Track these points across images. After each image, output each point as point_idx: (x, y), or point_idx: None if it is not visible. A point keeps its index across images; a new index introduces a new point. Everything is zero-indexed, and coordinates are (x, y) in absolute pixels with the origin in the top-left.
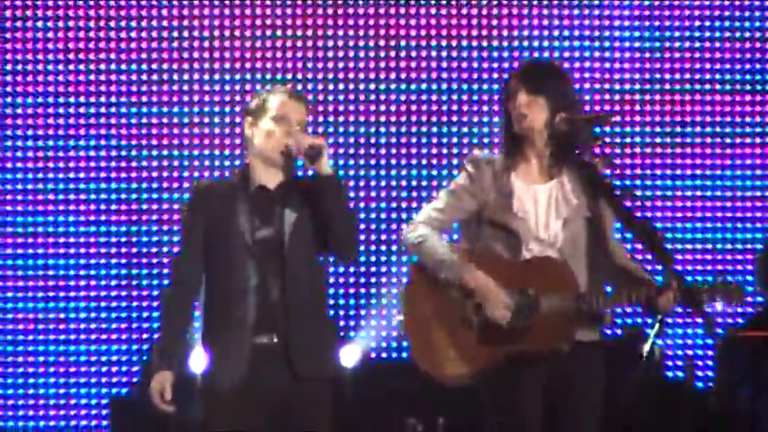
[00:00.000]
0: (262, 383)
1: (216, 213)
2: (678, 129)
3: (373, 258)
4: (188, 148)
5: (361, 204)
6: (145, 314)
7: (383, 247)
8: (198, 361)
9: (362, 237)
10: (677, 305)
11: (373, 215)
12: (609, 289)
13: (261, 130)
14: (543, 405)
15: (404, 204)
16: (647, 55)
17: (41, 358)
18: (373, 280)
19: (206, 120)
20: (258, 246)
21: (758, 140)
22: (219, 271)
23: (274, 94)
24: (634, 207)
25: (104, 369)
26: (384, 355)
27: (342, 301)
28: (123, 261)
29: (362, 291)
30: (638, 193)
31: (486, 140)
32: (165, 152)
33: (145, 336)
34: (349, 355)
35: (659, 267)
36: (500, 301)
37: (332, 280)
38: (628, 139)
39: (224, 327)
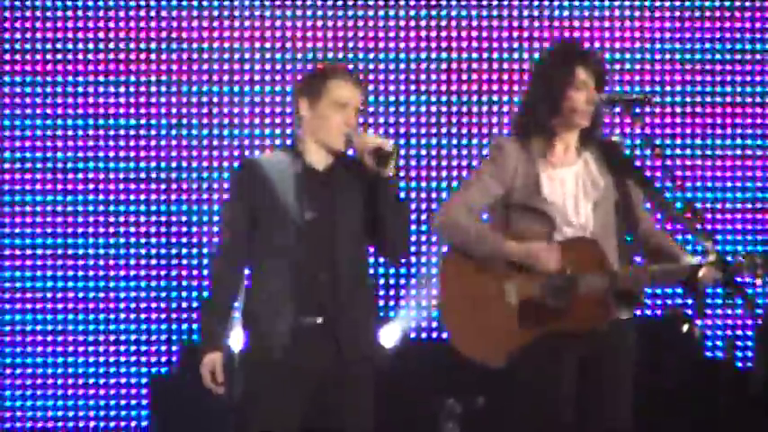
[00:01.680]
0: (306, 363)
1: (264, 191)
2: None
3: (413, 238)
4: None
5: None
6: (184, 293)
7: (423, 227)
8: (237, 339)
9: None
10: (716, 282)
11: (413, 194)
12: (645, 266)
13: (318, 113)
14: (577, 383)
15: (444, 184)
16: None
17: (81, 337)
18: (413, 260)
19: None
20: (306, 227)
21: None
22: (266, 250)
23: (334, 76)
24: (673, 187)
25: (144, 348)
26: (423, 335)
27: (382, 281)
28: (163, 240)
29: (402, 270)
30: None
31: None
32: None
33: (185, 315)
34: (389, 335)
35: (697, 243)
36: (551, 255)
37: (371, 259)
38: (668, 119)
39: (270, 306)
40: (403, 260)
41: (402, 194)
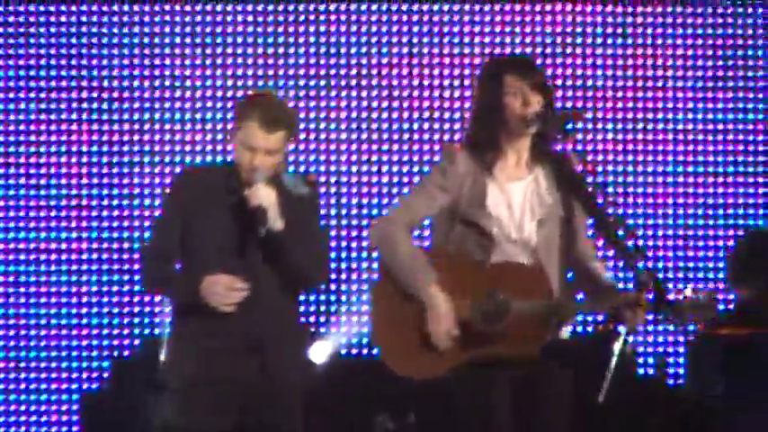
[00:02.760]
0: (231, 380)
1: (194, 207)
2: (650, 126)
3: (344, 255)
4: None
5: (332, 201)
6: (115, 309)
7: (354, 244)
8: (166, 357)
9: (333, 233)
10: (646, 317)
11: (344, 211)
12: (579, 296)
13: (235, 144)
14: (513, 406)
15: (374, 201)
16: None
17: (11, 353)
18: (343, 276)
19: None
20: (231, 245)
21: (730, 137)
22: (192, 267)
23: (248, 116)
24: (607, 205)
25: (75, 365)
26: (354, 351)
27: (312, 297)
28: (94, 255)
29: (332, 287)
30: (611, 190)
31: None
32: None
33: (115, 331)
34: (320, 352)
35: (632, 268)
36: (445, 326)
37: None
38: (600, 136)
39: (195, 325)
40: (317, 287)
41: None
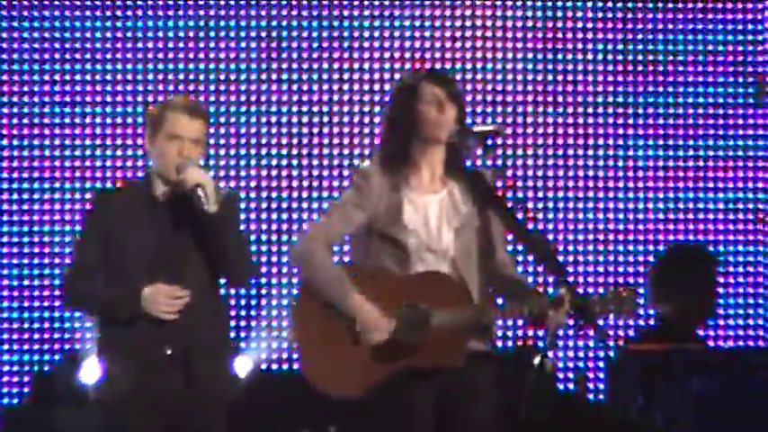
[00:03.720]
0: (157, 395)
1: (115, 225)
2: (571, 141)
3: (264, 269)
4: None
5: (253, 216)
6: (36, 325)
7: (274, 258)
8: (90, 373)
9: (254, 247)
10: (568, 319)
11: (264, 226)
12: (500, 302)
13: (156, 146)
14: (436, 419)
15: (295, 216)
16: (541, 66)
17: None
18: (264, 291)
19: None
20: (154, 261)
21: (650, 152)
22: (115, 282)
23: (170, 109)
24: (525, 218)
25: None
26: (275, 366)
27: (233, 312)
28: (15, 272)
29: (253, 302)
30: (530, 205)
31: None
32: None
33: (36, 346)
34: (240, 367)
35: (550, 279)
36: (378, 330)
37: (223, 290)
38: (520, 152)
39: (120, 339)
40: (242, 284)
41: (239, 217)
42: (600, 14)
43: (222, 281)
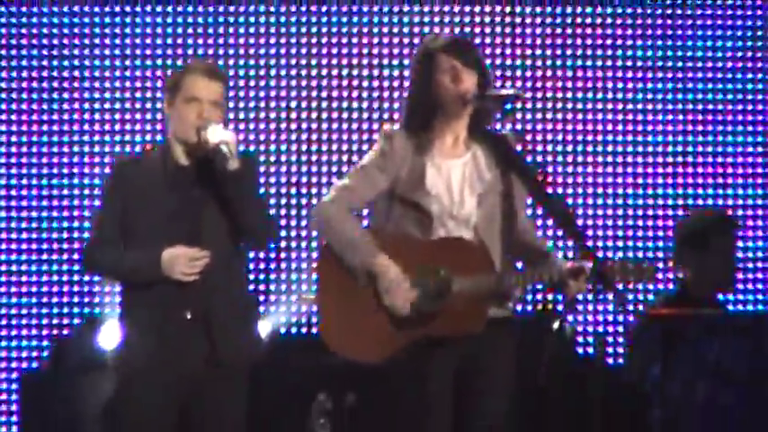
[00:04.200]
0: (180, 362)
1: (134, 191)
2: (590, 105)
3: (284, 233)
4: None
5: (272, 179)
6: (55, 288)
7: (293, 222)
8: (109, 337)
9: (275, 211)
10: (588, 285)
11: (284, 189)
12: (520, 268)
13: (175, 110)
14: (454, 386)
15: (314, 179)
16: (558, 31)
17: None
18: (283, 255)
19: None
20: (175, 225)
21: (670, 110)
22: (135, 247)
23: (188, 72)
24: (545, 183)
25: (14, 343)
26: (294, 331)
27: (252, 276)
28: (34, 235)
29: (273, 266)
30: (550, 169)
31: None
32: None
33: (55, 310)
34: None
35: (570, 244)
36: (401, 293)
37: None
38: (539, 115)
39: (142, 304)
40: (263, 247)
41: (260, 184)
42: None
43: (242, 244)
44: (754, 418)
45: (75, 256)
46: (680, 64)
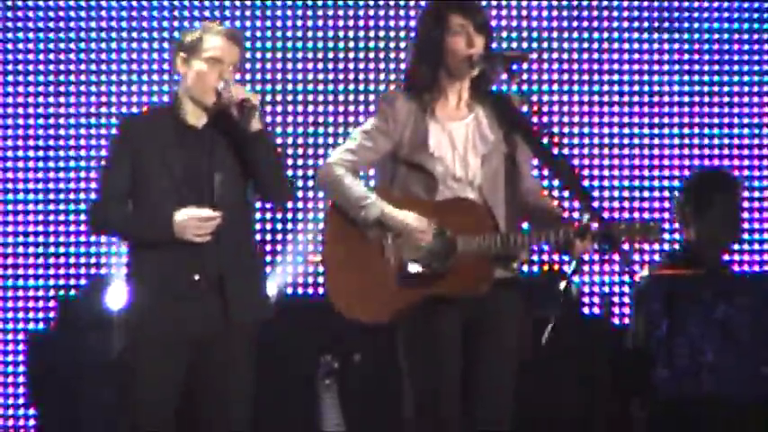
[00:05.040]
0: (190, 322)
1: (143, 151)
2: (596, 66)
3: (300, 193)
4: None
5: (279, 140)
6: (61, 249)
7: (300, 183)
8: (116, 298)
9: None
10: (594, 245)
11: (290, 151)
12: (525, 227)
13: (193, 69)
14: (461, 343)
15: (320, 141)
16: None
17: None
18: (290, 216)
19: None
20: (186, 185)
21: (676, 78)
22: (147, 209)
23: (210, 32)
24: (551, 144)
25: (20, 304)
26: (300, 291)
27: (258, 236)
28: (40, 196)
29: (279, 226)
30: (556, 130)
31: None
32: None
33: (62, 271)
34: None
35: (576, 205)
36: (420, 221)
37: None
38: (545, 76)
39: (152, 264)
40: (282, 202)
41: (276, 145)
42: None
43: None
44: (759, 377)
45: (82, 217)
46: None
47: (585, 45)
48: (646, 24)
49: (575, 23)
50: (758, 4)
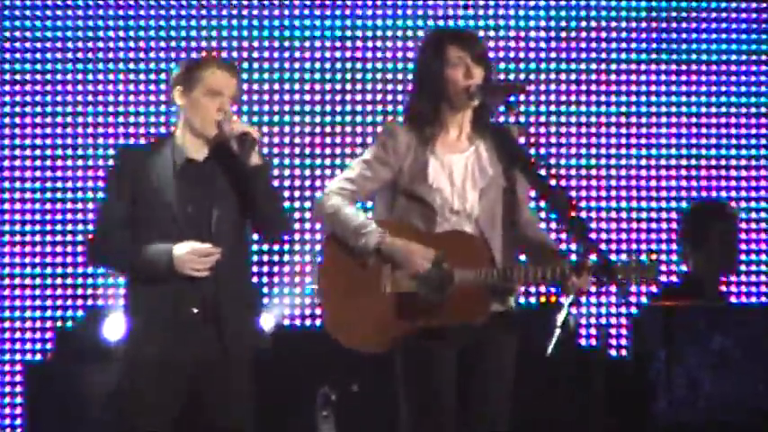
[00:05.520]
0: (186, 355)
1: (143, 184)
2: (593, 98)
3: (296, 225)
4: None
5: (275, 172)
6: (59, 280)
7: (297, 215)
8: (113, 329)
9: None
10: (591, 278)
11: (287, 183)
12: (522, 261)
13: (192, 101)
14: (457, 376)
15: (317, 172)
16: (563, 24)
17: None
18: (287, 248)
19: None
20: (185, 218)
21: (674, 111)
22: (144, 240)
23: (208, 65)
24: (548, 176)
25: (18, 335)
26: (298, 322)
27: (255, 268)
28: (37, 227)
29: (276, 258)
30: (553, 162)
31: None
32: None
33: (59, 302)
34: (263, 323)
35: (573, 238)
36: (421, 254)
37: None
38: (543, 108)
39: (150, 297)
40: (278, 238)
41: (274, 177)
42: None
43: (255, 236)
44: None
45: (79, 249)
46: (691, 67)
47: (583, 76)
48: (644, 56)
49: (573, 54)
50: (755, 36)
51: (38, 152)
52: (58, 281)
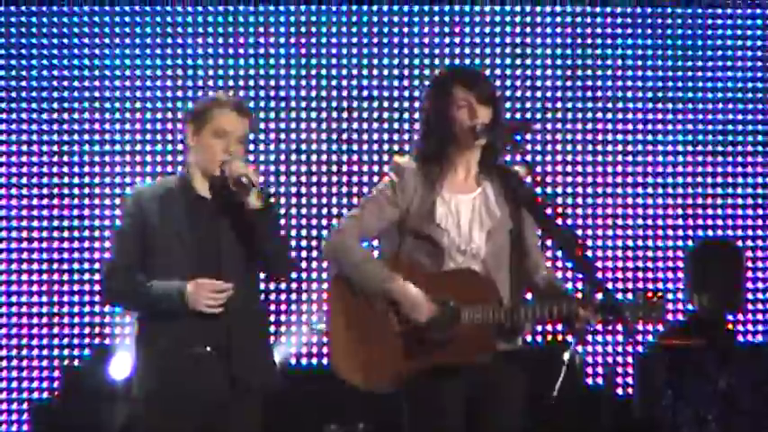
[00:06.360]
0: (197, 392)
1: (154, 221)
2: (600, 137)
3: (303, 264)
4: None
5: (282, 211)
6: (66, 320)
7: (304, 253)
8: (120, 368)
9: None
10: (597, 317)
11: (293, 221)
12: (529, 301)
13: (201, 141)
14: (465, 415)
15: (324, 210)
16: (569, 62)
17: None
18: (294, 286)
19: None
20: (195, 256)
21: (680, 148)
22: (156, 278)
23: (218, 105)
24: (555, 215)
25: (24, 374)
26: (305, 361)
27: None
28: (44, 267)
29: (284, 296)
30: (560, 200)
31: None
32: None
33: (66, 341)
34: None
35: (580, 277)
36: (425, 308)
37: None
38: (549, 147)
39: (160, 335)
40: (282, 279)
41: (279, 217)
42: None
43: (262, 275)
44: None
45: (86, 287)
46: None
47: (589, 115)
48: (650, 94)
49: (578, 93)
50: (761, 74)
51: (45, 190)
52: (65, 319)
